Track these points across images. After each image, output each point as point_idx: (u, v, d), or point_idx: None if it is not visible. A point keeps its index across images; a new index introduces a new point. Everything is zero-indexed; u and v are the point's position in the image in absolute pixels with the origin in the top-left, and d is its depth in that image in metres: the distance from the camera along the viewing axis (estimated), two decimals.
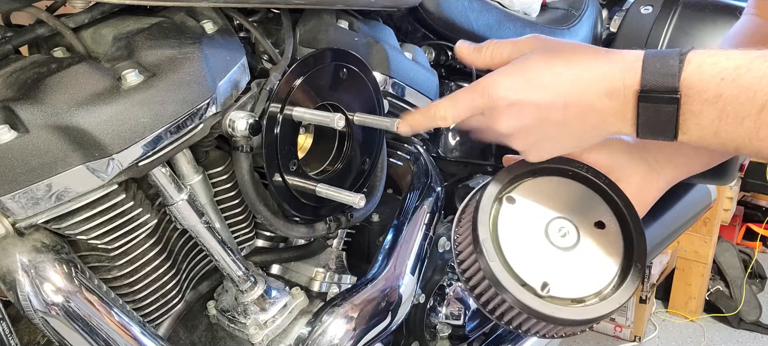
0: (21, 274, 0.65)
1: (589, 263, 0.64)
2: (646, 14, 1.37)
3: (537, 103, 0.60)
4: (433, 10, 1.04)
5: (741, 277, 2.57)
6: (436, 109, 0.66)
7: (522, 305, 0.61)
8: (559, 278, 0.62)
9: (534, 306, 0.60)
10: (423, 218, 1.03)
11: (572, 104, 0.59)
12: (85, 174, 0.63)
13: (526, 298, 0.61)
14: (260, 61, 0.82)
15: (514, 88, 0.60)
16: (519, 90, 0.60)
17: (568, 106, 0.59)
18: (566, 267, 0.63)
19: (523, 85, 0.60)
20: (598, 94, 0.57)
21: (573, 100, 0.58)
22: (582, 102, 0.58)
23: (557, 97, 0.59)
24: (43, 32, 0.70)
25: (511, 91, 0.60)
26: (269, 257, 0.93)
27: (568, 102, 0.59)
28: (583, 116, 0.59)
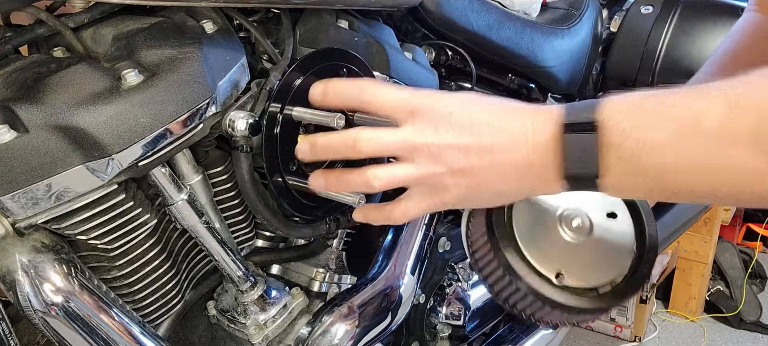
0: (21, 274, 0.65)
1: (602, 253, 0.64)
2: (646, 14, 1.37)
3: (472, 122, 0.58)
4: (433, 10, 1.04)
5: (741, 277, 2.57)
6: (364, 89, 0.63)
7: (536, 293, 0.61)
8: (573, 267, 0.63)
9: (548, 295, 0.61)
10: (423, 218, 1.03)
11: (503, 132, 0.57)
12: (85, 174, 0.63)
13: (540, 286, 0.61)
14: (260, 61, 0.82)
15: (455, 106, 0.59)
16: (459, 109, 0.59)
17: (499, 131, 0.57)
18: (580, 257, 0.64)
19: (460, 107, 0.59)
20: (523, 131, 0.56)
21: (504, 135, 0.57)
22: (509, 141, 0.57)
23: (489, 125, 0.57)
24: (42, 32, 0.70)
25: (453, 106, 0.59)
26: (269, 257, 0.93)
27: (500, 130, 0.57)
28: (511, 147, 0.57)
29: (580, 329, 2.45)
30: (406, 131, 0.59)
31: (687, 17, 1.33)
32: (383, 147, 0.60)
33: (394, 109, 0.60)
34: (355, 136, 0.61)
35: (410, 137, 0.59)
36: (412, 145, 0.59)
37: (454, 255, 1.19)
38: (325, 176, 0.67)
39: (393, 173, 0.60)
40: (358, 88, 0.62)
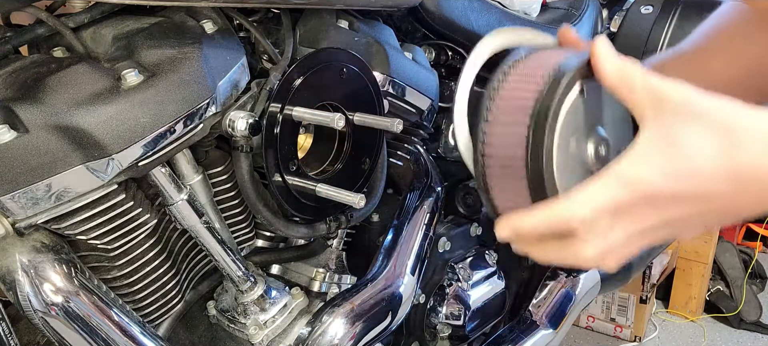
0: (21, 274, 0.65)
1: None
2: (646, 14, 1.37)
3: (702, 195, 0.49)
4: (433, 10, 1.03)
5: (741, 277, 2.57)
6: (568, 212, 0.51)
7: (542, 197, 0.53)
8: None
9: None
10: (423, 218, 1.03)
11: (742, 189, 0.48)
12: (85, 174, 0.63)
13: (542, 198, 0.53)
14: (260, 61, 0.82)
15: (674, 175, 0.48)
16: (679, 178, 0.48)
17: (740, 192, 0.49)
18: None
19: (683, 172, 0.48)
20: None
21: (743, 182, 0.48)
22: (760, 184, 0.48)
23: (723, 184, 0.48)
24: (42, 32, 0.70)
25: (671, 179, 0.48)
26: (269, 257, 0.93)
27: (741, 188, 0.48)
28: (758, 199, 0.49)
29: (580, 329, 2.45)
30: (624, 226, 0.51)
31: (687, 17, 1.33)
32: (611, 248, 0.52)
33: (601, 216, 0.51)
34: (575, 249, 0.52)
35: (632, 229, 0.52)
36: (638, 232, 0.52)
37: (454, 255, 1.19)
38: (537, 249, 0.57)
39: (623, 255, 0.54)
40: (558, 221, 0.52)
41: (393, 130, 0.80)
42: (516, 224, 0.53)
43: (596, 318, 2.44)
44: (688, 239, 2.46)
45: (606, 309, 2.41)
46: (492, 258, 1.25)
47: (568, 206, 0.51)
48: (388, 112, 0.90)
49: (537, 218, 0.52)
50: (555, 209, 0.52)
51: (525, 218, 0.53)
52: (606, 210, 0.50)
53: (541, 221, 0.52)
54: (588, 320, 2.45)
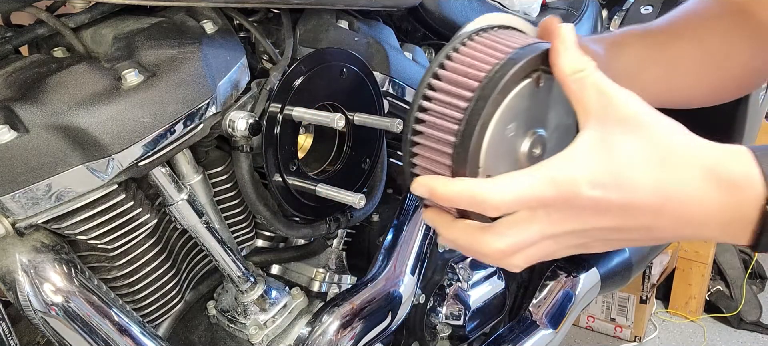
0: (21, 274, 0.65)
1: None
2: (646, 14, 1.37)
3: (625, 206, 0.48)
4: (433, 10, 1.04)
5: (741, 277, 2.57)
6: (487, 191, 0.49)
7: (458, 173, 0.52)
8: None
9: None
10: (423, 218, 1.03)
11: (667, 212, 0.48)
12: (85, 174, 0.63)
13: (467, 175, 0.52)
14: (260, 61, 0.82)
15: (601, 185, 0.47)
16: (606, 187, 0.47)
17: (662, 212, 0.48)
18: None
19: (611, 182, 0.47)
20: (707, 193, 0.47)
21: (670, 208, 0.48)
22: (683, 207, 0.48)
23: (649, 202, 0.48)
24: (43, 32, 0.70)
25: (597, 189, 0.47)
26: (269, 257, 0.93)
27: (665, 207, 0.48)
28: (677, 226, 0.49)
29: (580, 329, 2.45)
30: (542, 226, 0.50)
31: None
32: (522, 245, 0.51)
33: (522, 208, 0.50)
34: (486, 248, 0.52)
35: (548, 231, 0.50)
36: (553, 234, 0.51)
37: (454, 255, 1.19)
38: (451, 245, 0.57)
39: (532, 256, 0.53)
40: (472, 199, 0.50)
41: (393, 130, 0.80)
42: (433, 185, 0.52)
43: (596, 318, 2.44)
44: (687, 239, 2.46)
45: (606, 309, 2.41)
46: None
47: (490, 187, 0.49)
48: (388, 112, 0.90)
49: (456, 186, 0.51)
50: (476, 184, 0.50)
51: (445, 181, 0.51)
52: (526, 203, 0.49)
53: (460, 190, 0.50)
54: (588, 320, 2.45)
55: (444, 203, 0.53)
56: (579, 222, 0.50)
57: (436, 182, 0.52)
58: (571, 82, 0.51)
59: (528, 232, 0.51)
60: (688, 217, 0.48)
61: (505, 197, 0.49)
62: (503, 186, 0.49)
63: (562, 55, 0.52)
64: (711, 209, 0.48)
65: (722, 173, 0.47)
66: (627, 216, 0.49)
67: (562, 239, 0.52)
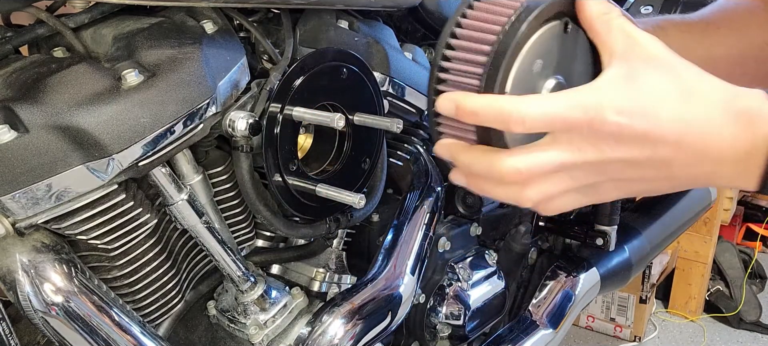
0: (21, 274, 0.65)
1: None
2: (646, 14, 1.37)
3: (647, 134, 0.49)
4: (433, 10, 1.04)
5: (741, 277, 2.57)
6: (513, 104, 0.50)
7: None
8: None
9: None
10: (423, 218, 1.03)
11: (687, 145, 0.49)
12: (85, 174, 0.63)
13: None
14: (260, 61, 0.82)
15: (627, 112, 0.48)
16: (631, 115, 0.48)
17: (682, 143, 0.49)
18: None
19: (636, 110, 0.48)
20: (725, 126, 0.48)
21: (689, 140, 0.49)
22: (702, 139, 0.49)
23: (671, 131, 0.49)
24: (43, 32, 0.70)
25: (623, 116, 0.48)
26: (269, 257, 0.93)
27: (685, 138, 0.49)
28: (694, 162, 0.50)
29: (580, 329, 2.45)
30: (562, 153, 0.50)
31: None
32: (540, 174, 0.51)
33: (547, 129, 0.51)
34: (503, 168, 0.51)
35: (567, 159, 0.50)
36: (571, 165, 0.51)
37: (454, 255, 1.19)
38: (466, 177, 0.56)
39: (547, 191, 0.52)
40: (500, 112, 0.50)
41: (393, 130, 0.80)
42: (460, 98, 0.52)
43: (596, 318, 2.44)
44: (687, 239, 2.46)
45: (606, 309, 2.41)
46: (492, 258, 1.25)
47: (518, 101, 0.50)
48: (388, 112, 0.90)
49: (483, 99, 0.51)
50: (504, 97, 0.51)
51: (472, 95, 0.51)
52: (551, 122, 0.50)
53: (487, 102, 0.50)
54: (588, 320, 2.45)
55: (468, 117, 0.52)
56: (598, 152, 0.50)
57: (463, 95, 0.52)
58: (597, 23, 0.53)
59: (548, 155, 0.51)
60: (706, 150, 0.49)
61: (531, 112, 0.49)
62: (530, 102, 0.50)
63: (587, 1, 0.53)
64: (727, 142, 0.49)
65: (740, 107, 0.49)
66: (647, 146, 0.49)
67: (578, 173, 0.52)
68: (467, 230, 1.21)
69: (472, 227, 1.22)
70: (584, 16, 0.53)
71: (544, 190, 0.53)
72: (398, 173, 1.09)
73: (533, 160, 0.51)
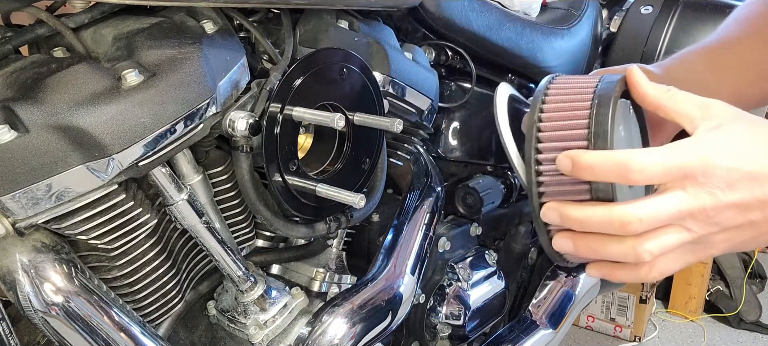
0: (21, 274, 0.65)
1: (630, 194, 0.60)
2: (646, 14, 1.37)
3: (754, 176, 0.51)
4: (433, 10, 1.04)
5: (741, 277, 2.57)
6: (630, 155, 0.52)
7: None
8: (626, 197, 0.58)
9: None
10: (423, 218, 1.03)
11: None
12: (85, 174, 0.63)
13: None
14: (260, 61, 0.82)
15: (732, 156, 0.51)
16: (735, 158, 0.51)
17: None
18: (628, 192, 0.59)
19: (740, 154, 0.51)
20: None
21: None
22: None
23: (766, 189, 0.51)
24: (43, 32, 0.70)
25: (730, 159, 0.51)
26: (269, 257, 0.93)
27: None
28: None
29: (580, 329, 2.45)
30: (678, 200, 0.52)
31: (687, 17, 1.33)
32: (658, 223, 0.53)
33: (663, 178, 0.52)
34: (624, 217, 0.52)
35: (684, 206, 0.52)
36: (688, 213, 0.52)
37: (454, 255, 1.19)
38: (573, 239, 0.57)
39: (663, 243, 0.53)
40: (618, 164, 0.52)
41: (393, 130, 0.80)
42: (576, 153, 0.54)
43: (596, 318, 2.44)
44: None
45: (606, 309, 2.41)
46: (492, 258, 1.25)
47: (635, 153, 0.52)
48: (388, 112, 0.90)
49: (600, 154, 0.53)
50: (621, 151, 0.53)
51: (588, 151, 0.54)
52: (669, 170, 0.52)
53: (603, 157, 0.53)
54: (588, 320, 2.45)
55: (585, 173, 0.54)
56: (713, 197, 0.52)
57: (578, 151, 0.54)
58: (665, 100, 0.57)
59: (666, 202, 0.52)
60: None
61: (650, 161, 0.51)
62: (646, 153, 0.52)
63: (644, 84, 0.58)
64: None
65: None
66: (756, 186, 0.51)
67: (694, 224, 0.53)
68: (467, 230, 1.22)
69: (472, 227, 1.22)
70: (648, 98, 0.58)
71: (662, 243, 0.54)
72: (398, 173, 1.09)
73: (653, 207, 0.52)
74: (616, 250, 0.54)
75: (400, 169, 1.08)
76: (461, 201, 1.22)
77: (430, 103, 0.98)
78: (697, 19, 1.33)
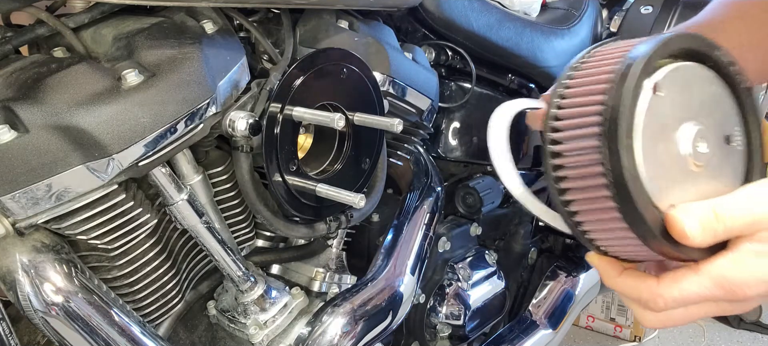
0: (21, 274, 0.65)
1: (712, 188, 0.52)
2: (646, 14, 1.37)
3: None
4: (433, 10, 1.04)
5: None
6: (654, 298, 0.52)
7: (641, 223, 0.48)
8: (685, 200, 0.50)
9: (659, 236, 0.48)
10: (423, 218, 1.03)
11: None
12: (85, 174, 0.63)
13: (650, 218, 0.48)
14: (260, 61, 0.82)
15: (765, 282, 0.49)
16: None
17: None
18: (693, 188, 0.51)
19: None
20: None
21: None
22: None
23: None
24: (43, 32, 0.70)
25: (763, 286, 0.49)
26: (269, 257, 0.93)
27: None
28: None
29: (580, 329, 2.45)
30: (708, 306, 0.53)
31: (687, 17, 1.32)
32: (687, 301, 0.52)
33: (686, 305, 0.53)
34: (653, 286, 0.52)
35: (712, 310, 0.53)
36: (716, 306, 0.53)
37: (454, 255, 1.19)
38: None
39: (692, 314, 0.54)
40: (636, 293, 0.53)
41: (393, 130, 0.80)
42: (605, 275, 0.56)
43: (596, 318, 2.44)
44: None
45: (606, 309, 2.41)
46: (492, 258, 1.25)
47: (655, 287, 0.51)
48: (388, 112, 0.90)
49: (626, 282, 0.54)
50: (643, 284, 0.52)
51: (615, 273, 0.55)
52: (692, 302, 0.51)
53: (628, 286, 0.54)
54: (588, 320, 2.45)
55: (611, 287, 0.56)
56: (745, 305, 0.52)
57: (607, 272, 0.56)
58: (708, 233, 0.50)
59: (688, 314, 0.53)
60: None
61: (670, 302, 0.51)
62: (669, 287, 0.51)
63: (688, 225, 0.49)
64: None
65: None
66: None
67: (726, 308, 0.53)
68: (467, 230, 1.22)
69: (472, 227, 1.22)
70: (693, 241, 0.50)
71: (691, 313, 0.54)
72: (398, 173, 1.09)
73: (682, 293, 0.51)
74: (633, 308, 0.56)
75: (400, 169, 1.08)
76: (461, 201, 1.22)
77: (430, 103, 0.98)
78: None
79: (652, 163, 0.48)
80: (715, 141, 0.53)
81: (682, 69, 0.52)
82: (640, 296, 0.53)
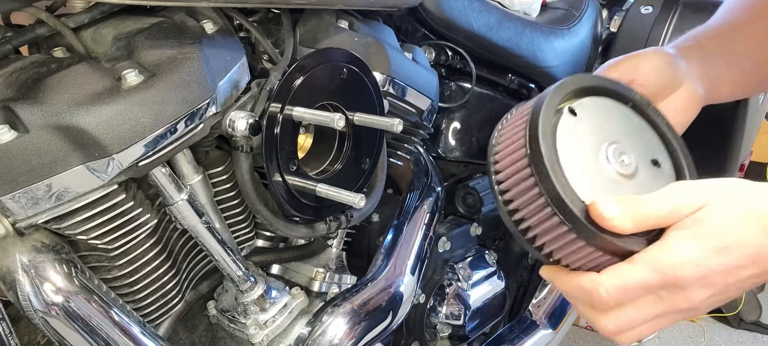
0: (21, 274, 0.65)
1: None
2: (646, 14, 1.37)
3: (727, 269, 0.52)
4: (433, 10, 1.04)
5: None
6: (595, 288, 0.54)
7: (583, 227, 0.53)
8: None
9: (595, 230, 0.53)
10: (423, 218, 1.03)
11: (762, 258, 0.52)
12: (85, 174, 0.63)
13: (574, 208, 0.53)
14: (260, 61, 0.82)
15: (701, 262, 0.51)
16: (707, 261, 0.51)
17: (757, 261, 0.52)
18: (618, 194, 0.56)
19: (710, 255, 0.51)
20: None
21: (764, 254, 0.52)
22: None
23: (746, 256, 0.52)
24: (43, 32, 0.70)
25: (699, 267, 0.51)
26: (269, 257, 0.93)
27: (758, 257, 0.52)
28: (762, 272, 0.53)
29: (580, 329, 2.45)
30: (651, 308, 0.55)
31: (687, 17, 1.33)
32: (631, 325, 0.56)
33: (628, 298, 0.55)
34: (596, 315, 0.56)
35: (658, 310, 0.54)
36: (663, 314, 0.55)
37: (454, 255, 1.19)
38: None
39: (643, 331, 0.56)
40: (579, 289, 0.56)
41: (393, 130, 0.80)
42: (554, 277, 0.59)
43: None
44: None
45: None
46: (492, 258, 1.25)
47: (597, 281, 0.54)
48: (388, 112, 0.90)
49: (571, 281, 0.57)
50: (585, 278, 0.55)
51: (562, 275, 0.58)
52: (633, 293, 0.53)
53: (573, 285, 0.56)
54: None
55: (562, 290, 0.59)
56: (688, 301, 0.53)
57: (556, 276, 0.59)
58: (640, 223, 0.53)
59: (637, 313, 0.55)
60: None
61: (611, 291, 0.54)
62: (608, 275, 0.54)
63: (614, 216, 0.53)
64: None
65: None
66: (729, 276, 0.52)
67: (675, 316, 0.55)
68: (467, 230, 1.22)
69: (472, 227, 1.22)
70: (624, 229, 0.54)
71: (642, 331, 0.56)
72: (398, 173, 1.09)
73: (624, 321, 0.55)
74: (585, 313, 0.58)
75: (400, 169, 1.08)
76: (461, 201, 1.22)
77: (430, 103, 0.98)
78: (697, 19, 1.33)
79: (576, 169, 0.55)
80: (641, 161, 0.59)
81: (600, 101, 0.61)
82: (582, 287, 0.55)
